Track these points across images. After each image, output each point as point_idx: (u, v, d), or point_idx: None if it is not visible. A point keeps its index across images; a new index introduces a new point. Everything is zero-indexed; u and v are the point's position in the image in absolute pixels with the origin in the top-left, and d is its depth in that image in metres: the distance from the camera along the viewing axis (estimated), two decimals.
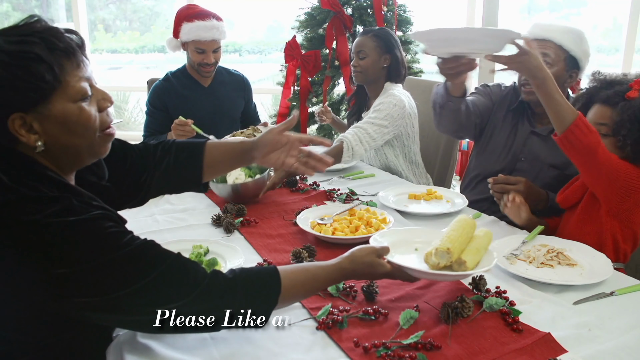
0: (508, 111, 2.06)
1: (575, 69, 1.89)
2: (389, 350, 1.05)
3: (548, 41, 1.86)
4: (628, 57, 4.60)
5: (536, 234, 1.60)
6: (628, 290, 1.30)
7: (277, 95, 4.78)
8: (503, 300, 1.22)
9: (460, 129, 2.04)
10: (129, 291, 0.93)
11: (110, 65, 8.23)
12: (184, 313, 0.98)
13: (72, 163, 1.07)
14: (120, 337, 1.11)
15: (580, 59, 1.88)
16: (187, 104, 2.65)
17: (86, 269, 0.91)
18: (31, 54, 0.93)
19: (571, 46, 1.86)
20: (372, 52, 2.48)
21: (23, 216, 0.90)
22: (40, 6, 7.69)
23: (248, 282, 1.05)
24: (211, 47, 2.59)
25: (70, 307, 0.94)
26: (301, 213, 1.75)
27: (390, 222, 1.66)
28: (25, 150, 0.99)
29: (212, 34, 2.55)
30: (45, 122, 0.97)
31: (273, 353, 1.07)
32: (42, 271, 0.90)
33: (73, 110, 0.99)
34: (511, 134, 2.02)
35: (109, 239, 0.95)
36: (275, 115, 3.75)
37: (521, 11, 6.58)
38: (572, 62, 1.88)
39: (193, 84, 2.72)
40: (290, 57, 3.52)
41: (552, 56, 1.85)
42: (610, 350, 1.07)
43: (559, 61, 1.86)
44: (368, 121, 2.35)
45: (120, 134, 6.17)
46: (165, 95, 2.68)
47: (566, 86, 1.91)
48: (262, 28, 8.22)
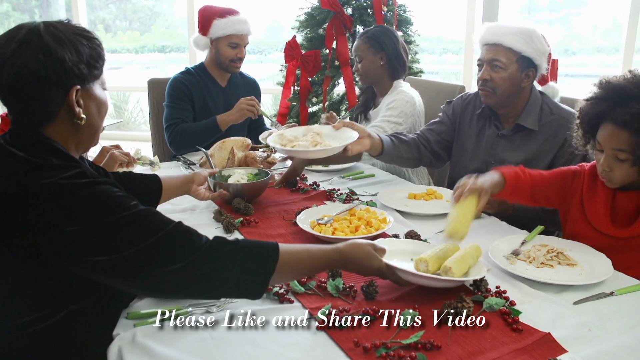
0: (473, 115, 2.10)
1: (530, 67, 1.92)
2: (389, 350, 1.05)
3: (498, 45, 1.90)
4: (628, 57, 4.61)
5: (536, 234, 1.60)
6: (628, 290, 1.30)
7: (277, 95, 4.79)
8: (503, 300, 1.22)
9: (425, 163, 2.17)
10: (134, 251, 0.99)
11: (110, 65, 8.22)
12: (187, 274, 1.02)
13: (87, 143, 1.17)
14: (120, 337, 1.11)
15: (533, 58, 1.90)
16: (206, 100, 2.67)
17: (96, 227, 0.98)
18: (97, 40, 1.12)
19: (521, 47, 1.88)
20: (367, 54, 2.51)
21: (43, 179, 0.98)
22: (40, 6, 7.69)
23: (248, 248, 1.10)
24: (244, 42, 2.66)
25: (81, 268, 1.01)
26: (301, 213, 1.75)
27: (390, 222, 1.67)
28: (51, 132, 1.09)
29: (247, 28, 2.64)
30: (88, 100, 1.11)
31: (273, 353, 1.07)
32: (57, 230, 0.97)
33: (104, 95, 1.17)
34: (478, 139, 2.07)
35: (118, 200, 1.02)
36: (275, 115, 3.74)
37: (521, 11, 6.58)
38: (526, 61, 1.90)
39: (212, 83, 2.74)
40: (290, 57, 3.52)
41: (503, 60, 1.89)
42: (610, 350, 1.07)
43: (511, 63, 1.89)
44: (383, 119, 2.39)
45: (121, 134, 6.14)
46: (189, 86, 2.66)
47: (523, 86, 1.94)
48: (262, 28, 8.22)
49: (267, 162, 2.25)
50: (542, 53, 1.91)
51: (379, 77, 2.54)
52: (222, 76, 2.75)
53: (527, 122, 1.93)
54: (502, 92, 1.92)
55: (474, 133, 2.08)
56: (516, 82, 1.91)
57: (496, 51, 1.90)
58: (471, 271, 1.32)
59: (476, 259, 1.35)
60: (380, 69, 2.52)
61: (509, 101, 1.95)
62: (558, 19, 7.06)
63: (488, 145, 2.03)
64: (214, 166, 2.13)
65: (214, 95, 2.72)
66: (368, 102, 2.72)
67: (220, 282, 1.04)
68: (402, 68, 2.56)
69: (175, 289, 1.04)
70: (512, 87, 1.91)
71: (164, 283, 1.02)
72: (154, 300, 1.24)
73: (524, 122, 1.94)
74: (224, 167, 2.19)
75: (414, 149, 2.09)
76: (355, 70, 2.57)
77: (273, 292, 1.28)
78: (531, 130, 1.93)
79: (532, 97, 1.97)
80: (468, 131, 2.10)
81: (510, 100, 1.95)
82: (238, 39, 2.62)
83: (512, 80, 1.90)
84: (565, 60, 5.82)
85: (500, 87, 1.91)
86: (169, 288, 1.03)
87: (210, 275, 1.04)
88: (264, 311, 1.21)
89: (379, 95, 2.64)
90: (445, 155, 2.18)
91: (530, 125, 1.93)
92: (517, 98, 1.95)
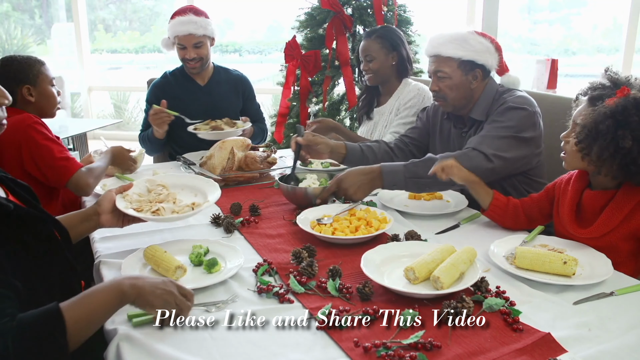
0: (443, 120, 2.16)
1: (475, 68, 1.94)
2: (389, 350, 1.04)
3: (438, 56, 1.95)
4: (628, 57, 4.61)
5: (536, 234, 1.60)
6: (628, 290, 1.30)
7: (277, 95, 4.78)
8: (503, 300, 1.22)
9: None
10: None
11: (110, 65, 8.23)
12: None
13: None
14: (119, 337, 1.11)
15: (474, 59, 1.93)
16: (183, 102, 2.67)
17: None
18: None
19: (459, 52, 1.91)
20: (379, 54, 2.51)
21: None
22: (40, 6, 7.69)
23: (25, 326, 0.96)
24: (189, 42, 2.59)
25: None
26: (301, 213, 1.75)
27: (390, 222, 1.67)
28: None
29: (187, 28, 2.56)
30: None
31: (273, 353, 1.07)
32: None
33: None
34: (446, 140, 2.14)
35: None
36: (275, 115, 3.74)
37: (521, 11, 6.58)
38: (468, 65, 1.93)
39: (189, 83, 2.74)
40: (290, 57, 3.52)
41: (445, 70, 1.94)
42: (610, 350, 1.07)
43: (453, 71, 1.93)
44: (399, 123, 2.44)
45: (120, 134, 6.14)
46: (161, 92, 2.70)
47: (473, 87, 1.97)
48: (262, 28, 8.22)
49: (267, 162, 2.25)
50: (483, 51, 1.93)
51: (389, 77, 2.57)
52: (200, 75, 2.75)
53: (476, 114, 1.98)
54: (452, 99, 1.97)
55: (444, 135, 2.15)
56: (464, 86, 1.95)
57: (438, 62, 1.95)
58: (464, 276, 1.32)
59: (469, 263, 1.34)
60: (391, 69, 2.55)
61: (463, 104, 2.00)
62: (558, 19, 7.06)
63: (454, 145, 2.08)
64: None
65: (193, 94, 2.73)
66: (371, 102, 2.72)
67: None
68: (410, 67, 2.60)
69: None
70: (462, 91, 1.96)
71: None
72: None
73: (473, 114, 1.99)
74: (223, 167, 2.19)
75: (384, 155, 2.14)
76: (365, 69, 2.57)
77: (273, 292, 1.28)
78: (481, 122, 1.97)
79: (485, 91, 1.99)
80: (440, 134, 2.17)
81: (464, 102, 1.99)
82: (182, 40, 2.59)
83: (459, 86, 1.95)
84: (565, 60, 5.81)
85: (449, 94, 1.97)
86: None
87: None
88: (264, 311, 1.21)
89: (384, 94, 2.65)
90: (421, 157, 2.20)
91: (478, 117, 1.97)
92: (472, 98, 1.99)
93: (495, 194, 1.69)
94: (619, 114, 1.39)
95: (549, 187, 1.70)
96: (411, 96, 2.51)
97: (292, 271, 1.38)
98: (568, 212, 1.55)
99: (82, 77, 6.61)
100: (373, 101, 2.72)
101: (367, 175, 1.79)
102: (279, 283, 1.34)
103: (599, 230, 1.47)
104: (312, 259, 1.41)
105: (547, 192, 1.69)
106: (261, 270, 1.39)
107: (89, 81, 6.71)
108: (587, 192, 1.54)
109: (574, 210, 1.55)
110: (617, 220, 1.45)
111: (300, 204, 1.85)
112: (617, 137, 1.38)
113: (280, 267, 1.42)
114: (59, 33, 7.27)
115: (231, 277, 1.36)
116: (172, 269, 1.34)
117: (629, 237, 1.47)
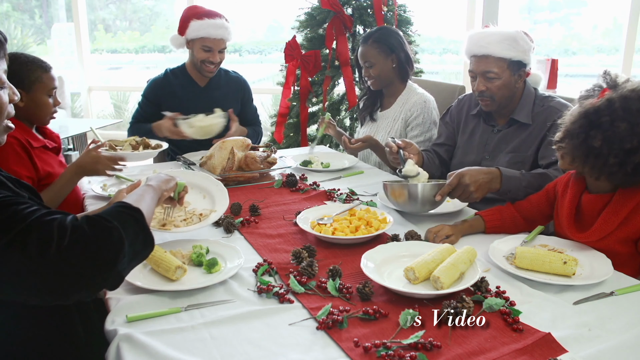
0: (468, 116, 2.17)
1: (521, 68, 1.96)
2: (389, 350, 1.05)
3: (488, 57, 1.93)
4: (628, 57, 4.61)
5: (536, 234, 1.60)
6: (628, 290, 1.30)
7: (277, 95, 4.79)
8: (503, 300, 1.22)
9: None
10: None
11: (110, 65, 8.22)
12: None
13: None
14: (119, 337, 1.11)
15: (522, 59, 1.94)
16: (180, 102, 2.67)
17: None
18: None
19: (510, 53, 1.91)
20: (378, 59, 2.50)
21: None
22: (40, 6, 7.69)
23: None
24: (218, 46, 2.63)
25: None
26: (301, 213, 1.75)
27: (390, 222, 1.67)
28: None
29: (221, 33, 2.61)
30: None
31: (273, 353, 1.07)
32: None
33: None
34: (471, 136, 2.13)
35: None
36: (275, 115, 3.74)
37: (521, 11, 6.58)
38: (516, 65, 1.94)
39: (189, 83, 2.75)
40: (290, 57, 3.52)
41: (495, 70, 1.93)
42: (610, 350, 1.07)
43: (503, 71, 1.93)
44: (419, 141, 2.47)
45: (120, 134, 6.14)
46: (160, 90, 2.71)
47: (518, 86, 1.98)
48: (262, 28, 8.21)
49: (267, 162, 2.25)
50: (528, 51, 1.95)
51: (391, 80, 2.57)
52: (200, 77, 2.76)
53: (521, 117, 1.98)
54: (500, 98, 1.97)
55: (468, 131, 2.15)
56: (511, 86, 1.96)
57: (487, 63, 1.93)
58: (464, 276, 1.32)
59: (469, 263, 1.34)
60: (392, 72, 2.53)
61: (507, 103, 2.01)
62: (558, 19, 7.06)
63: (482, 142, 2.08)
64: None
65: (192, 95, 2.73)
66: (375, 103, 2.72)
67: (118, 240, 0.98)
68: (411, 68, 2.58)
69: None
70: (509, 91, 1.97)
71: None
72: (154, 300, 1.24)
73: (517, 116, 1.99)
74: (223, 167, 2.19)
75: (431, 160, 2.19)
76: (367, 75, 2.56)
77: (273, 292, 1.28)
78: (524, 123, 1.98)
79: (526, 92, 2.02)
80: (463, 130, 2.17)
81: (508, 102, 2.01)
82: (211, 43, 2.61)
83: (507, 86, 1.95)
84: (565, 60, 5.80)
85: (497, 94, 1.96)
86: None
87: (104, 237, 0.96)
88: (264, 311, 1.21)
89: (388, 96, 2.64)
90: (450, 160, 2.26)
91: (524, 120, 1.98)
92: (514, 97, 2.00)
93: (483, 215, 1.68)
94: (592, 114, 1.41)
95: (549, 187, 1.70)
96: (418, 111, 2.49)
97: (292, 271, 1.38)
98: (567, 215, 1.55)
99: (82, 77, 6.61)
100: (376, 102, 2.71)
101: (487, 175, 1.72)
102: (279, 283, 1.34)
103: (597, 234, 1.47)
104: (312, 259, 1.41)
105: (547, 193, 1.69)
106: (261, 270, 1.39)
107: (89, 81, 6.72)
108: (585, 195, 1.54)
109: (573, 213, 1.55)
110: (614, 224, 1.44)
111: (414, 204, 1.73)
112: (589, 137, 1.40)
113: (280, 267, 1.42)
114: (59, 33, 7.27)
115: (231, 277, 1.36)
116: (172, 269, 1.34)
117: (626, 241, 1.47)
